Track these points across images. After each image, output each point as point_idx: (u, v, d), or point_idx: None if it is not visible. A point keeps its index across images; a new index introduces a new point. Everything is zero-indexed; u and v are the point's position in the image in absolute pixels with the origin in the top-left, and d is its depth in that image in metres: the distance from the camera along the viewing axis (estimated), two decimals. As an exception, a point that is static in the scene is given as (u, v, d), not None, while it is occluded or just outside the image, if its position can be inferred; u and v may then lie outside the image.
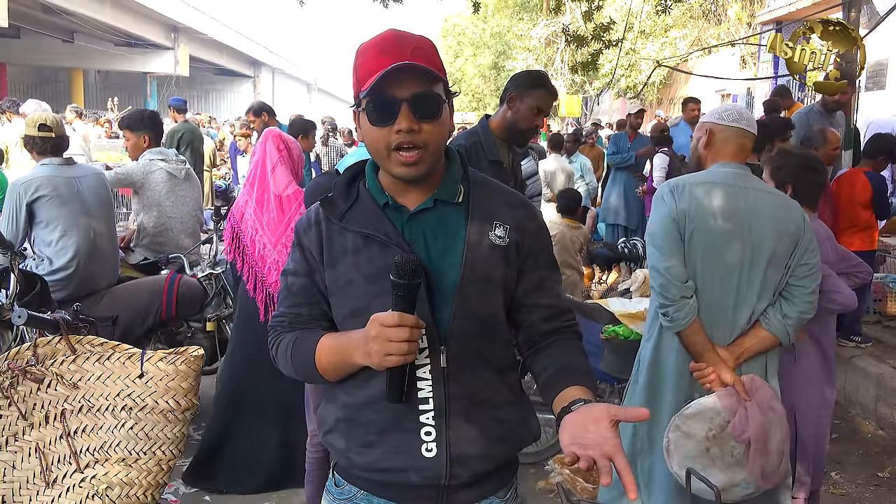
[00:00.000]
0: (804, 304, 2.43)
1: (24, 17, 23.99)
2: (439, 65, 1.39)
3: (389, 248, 1.38)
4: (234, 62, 39.30)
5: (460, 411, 1.40)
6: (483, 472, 1.44)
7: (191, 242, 4.56)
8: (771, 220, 2.41)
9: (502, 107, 3.21)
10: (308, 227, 1.47)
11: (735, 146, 2.52)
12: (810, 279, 2.43)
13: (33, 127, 3.78)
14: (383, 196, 1.43)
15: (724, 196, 2.42)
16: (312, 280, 1.47)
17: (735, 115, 2.53)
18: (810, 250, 2.43)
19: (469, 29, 33.31)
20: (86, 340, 2.09)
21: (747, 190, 2.44)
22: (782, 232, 2.40)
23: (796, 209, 2.47)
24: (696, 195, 2.43)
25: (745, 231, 2.40)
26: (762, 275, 2.41)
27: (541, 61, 20.64)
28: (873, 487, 3.85)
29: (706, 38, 20.17)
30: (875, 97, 10.56)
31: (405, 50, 1.34)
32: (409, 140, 1.34)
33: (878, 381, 4.59)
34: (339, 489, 1.50)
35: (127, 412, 2.03)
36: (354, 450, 1.44)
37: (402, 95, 1.33)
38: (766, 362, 2.52)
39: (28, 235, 3.71)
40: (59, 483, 2.02)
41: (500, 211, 1.45)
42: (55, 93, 32.33)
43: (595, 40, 11.50)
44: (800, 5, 12.74)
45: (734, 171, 2.48)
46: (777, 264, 2.42)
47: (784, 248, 2.41)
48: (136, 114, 4.62)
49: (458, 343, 1.39)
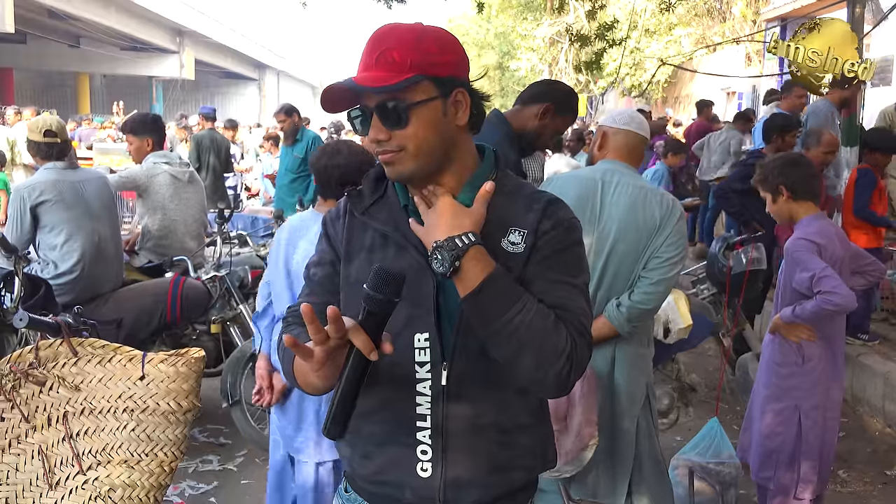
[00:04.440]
0: (641, 294, 2.44)
1: (30, 22, 24.13)
2: (423, 60, 1.27)
3: (406, 252, 1.33)
4: (239, 65, 39.44)
5: (460, 433, 1.33)
6: (484, 499, 1.36)
7: (195, 245, 4.56)
8: (621, 213, 2.46)
9: (526, 109, 2.91)
10: (336, 218, 1.43)
11: (623, 146, 2.60)
12: (658, 272, 2.45)
13: (38, 132, 3.79)
14: (406, 197, 1.38)
15: (579, 187, 2.52)
16: (335, 269, 1.41)
17: (626, 119, 2.64)
18: (670, 244, 2.45)
19: (473, 29, 33.33)
20: (87, 343, 2.10)
21: (610, 183, 2.50)
22: (632, 224, 2.45)
23: (660, 203, 2.47)
24: (555, 186, 2.56)
25: (593, 221, 2.47)
26: (603, 263, 2.47)
27: (545, 61, 20.58)
28: (881, 485, 3.83)
29: (711, 36, 20.12)
30: (881, 93, 10.51)
31: (371, 58, 1.29)
32: (381, 149, 1.30)
33: (885, 379, 4.57)
34: (347, 495, 1.48)
35: (128, 414, 2.03)
36: (357, 460, 1.41)
37: (371, 104, 1.29)
38: (613, 354, 2.52)
39: (33, 239, 3.73)
40: (62, 485, 2.02)
41: (521, 216, 1.34)
42: (61, 97, 32.53)
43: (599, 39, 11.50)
44: (804, 2, 12.68)
45: (609, 167, 2.56)
46: (622, 255, 2.46)
47: (631, 240, 2.45)
48: (139, 118, 4.63)
49: (462, 360, 1.31)
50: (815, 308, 2.72)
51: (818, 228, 2.85)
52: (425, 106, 1.29)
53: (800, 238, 2.84)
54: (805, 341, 2.86)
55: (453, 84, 1.31)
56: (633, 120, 2.63)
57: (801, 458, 2.86)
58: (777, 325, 2.92)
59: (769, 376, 2.98)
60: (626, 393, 2.52)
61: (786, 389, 2.91)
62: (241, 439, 4.06)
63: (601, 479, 2.56)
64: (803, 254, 2.78)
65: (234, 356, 3.96)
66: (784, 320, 2.86)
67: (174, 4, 28.49)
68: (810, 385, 2.87)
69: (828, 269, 2.70)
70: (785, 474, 2.90)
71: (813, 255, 2.76)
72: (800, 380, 2.88)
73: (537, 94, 2.94)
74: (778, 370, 2.94)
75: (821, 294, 2.68)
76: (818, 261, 2.74)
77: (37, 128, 3.81)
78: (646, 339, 2.61)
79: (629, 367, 2.53)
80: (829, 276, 2.68)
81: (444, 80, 1.30)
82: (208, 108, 9.34)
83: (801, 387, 2.87)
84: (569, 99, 2.99)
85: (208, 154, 8.05)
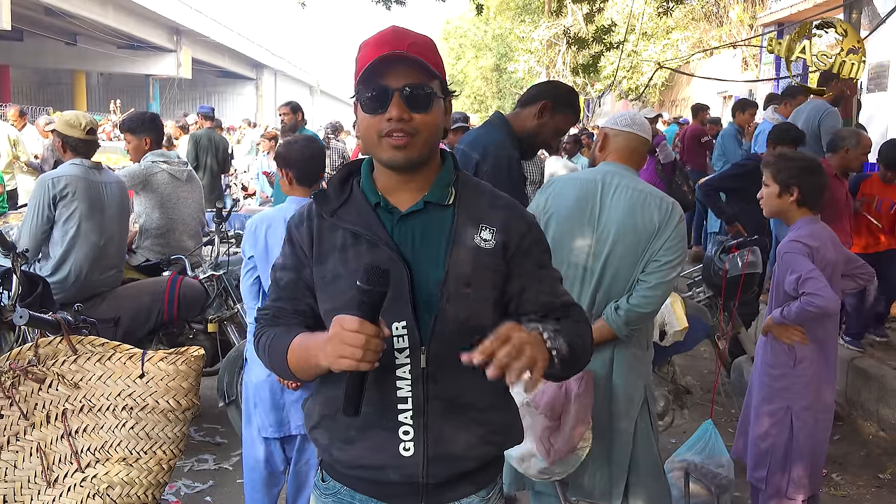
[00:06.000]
0: (639, 297, 2.45)
1: (26, 19, 24.07)
2: (437, 62, 1.41)
3: (378, 248, 1.40)
4: (236, 64, 39.39)
5: (439, 412, 1.41)
6: (462, 471, 1.45)
7: (193, 244, 4.57)
8: (620, 215, 2.47)
9: (525, 110, 2.93)
10: (300, 223, 1.49)
11: (624, 148, 2.60)
12: (656, 275, 2.45)
13: (81, 130, 3.78)
14: (375, 196, 1.45)
15: (580, 188, 2.53)
16: (300, 275, 1.48)
17: (628, 121, 2.64)
18: (668, 248, 2.46)
19: (471, 31, 33.40)
20: (87, 341, 2.10)
21: (610, 185, 2.51)
22: (630, 227, 2.45)
23: (659, 207, 2.48)
24: (556, 187, 2.57)
25: (592, 223, 2.49)
26: (601, 266, 2.48)
27: (542, 63, 20.64)
28: (874, 489, 3.85)
29: (708, 40, 20.17)
30: (877, 99, 10.56)
31: (402, 43, 1.38)
32: (399, 128, 1.36)
33: (879, 383, 4.59)
34: (324, 484, 1.52)
35: (128, 412, 2.03)
36: (336, 445, 1.45)
37: (394, 85, 1.36)
38: (612, 356, 2.53)
39: (49, 234, 3.70)
40: (61, 482, 2.03)
41: (487, 213, 1.46)
42: (58, 95, 32.46)
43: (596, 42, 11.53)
44: (801, 7, 12.73)
45: (610, 169, 2.56)
46: (621, 258, 2.47)
47: (630, 243, 2.46)
48: (137, 116, 4.62)
49: (439, 344, 1.40)
50: (798, 309, 2.75)
51: (811, 232, 2.87)
52: (439, 100, 1.42)
53: (792, 240, 2.86)
54: (797, 343, 2.88)
55: (448, 90, 1.46)
56: (634, 122, 2.64)
57: (794, 459, 2.87)
58: (768, 326, 2.95)
59: (762, 378, 3.01)
60: (624, 395, 2.53)
61: (777, 390, 2.92)
62: (236, 438, 4.05)
63: (598, 480, 2.57)
64: (793, 255, 2.81)
65: (231, 355, 3.96)
66: (774, 321, 2.90)
67: (171, 3, 28.45)
68: (802, 386, 2.88)
69: (814, 270, 2.72)
70: (777, 475, 2.91)
71: (803, 257, 2.78)
72: (791, 381, 2.90)
73: (534, 93, 2.97)
74: (770, 371, 2.96)
75: (804, 295, 2.71)
76: (806, 262, 2.76)
77: (79, 124, 3.79)
78: (644, 342, 2.62)
79: (627, 369, 2.54)
80: (814, 278, 2.70)
81: (445, 85, 1.45)
82: (207, 107, 9.34)
83: (793, 388, 2.89)
84: (566, 96, 2.99)
85: (206, 154, 8.06)
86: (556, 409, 2.43)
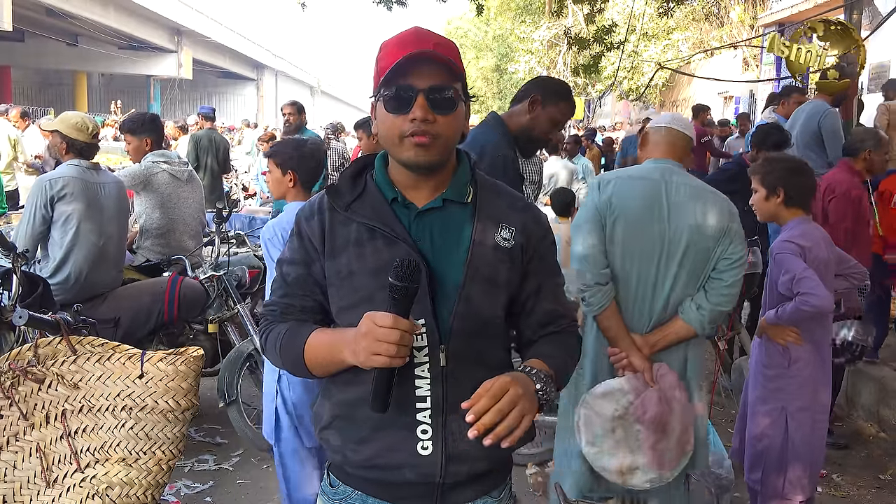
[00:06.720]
0: (719, 296, 2.51)
1: (28, 20, 24.09)
2: (460, 65, 1.40)
3: (396, 244, 1.37)
4: (237, 65, 39.38)
5: (458, 411, 1.39)
6: (478, 471, 1.44)
7: (193, 244, 4.57)
8: (690, 214, 2.50)
9: (517, 107, 2.96)
10: (310, 216, 1.46)
11: (666, 145, 2.64)
12: (729, 273, 2.51)
13: (88, 133, 3.79)
14: (392, 191, 1.43)
15: (646, 188, 2.54)
16: (309, 271, 1.45)
17: (668, 119, 2.70)
18: (737, 245, 2.52)
19: (472, 32, 33.37)
20: (86, 341, 2.10)
21: (671, 184, 2.54)
22: (701, 225, 2.49)
23: (721, 204, 2.54)
24: (620, 187, 2.57)
25: (663, 223, 2.50)
26: (677, 266, 2.50)
27: (543, 64, 20.62)
28: (875, 490, 3.85)
29: (708, 41, 20.16)
30: (877, 99, 10.55)
31: (428, 43, 1.36)
32: (422, 129, 1.35)
33: (880, 384, 4.59)
34: (333, 489, 1.49)
35: (127, 412, 2.03)
36: (349, 446, 1.42)
37: (419, 86, 1.35)
38: (686, 354, 2.59)
39: (46, 235, 3.70)
40: (60, 483, 2.02)
41: (507, 213, 1.46)
42: (59, 96, 32.48)
43: (597, 43, 11.53)
44: (802, 7, 12.73)
45: (662, 166, 2.59)
46: (694, 257, 2.50)
47: (702, 242, 2.49)
48: (138, 117, 4.62)
49: (458, 342, 1.38)
50: (793, 309, 2.75)
51: (803, 232, 2.88)
52: (461, 103, 1.41)
53: (784, 241, 2.87)
54: (792, 344, 2.88)
55: (467, 94, 1.45)
56: (673, 119, 2.69)
57: (789, 460, 2.87)
58: (763, 327, 2.96)
59: (757, 378, 3.00)
60: (696, 389, 2.63)
61: (772, 391, 2.92)
62: (237, 439, 4.06)
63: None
64: (786, 256, 2.82)
65: (231, 356, 3.96)
66: (768, 322, 2.90)
67: (172, 4, 28.45)
68: (797, 387, 2.88)
69: (807, 270, 2.73)
70: (773, 476, 2.91)
71: (796, 257, 2.80)
72: (786, 381, 2.90)
73: (524, 90, 3.00)
74: (765, 372, 2.96)
75: (799, 295, 2.72)
76: (799, 262, 2.77)
77: (86, 128, 3.79)
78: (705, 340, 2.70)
79: (698, 365, 2.64)
80: (808, 278, 2.71)
81: (466, 88, 1.44)
82: (207, 108, 9.34)
83: (788, 389, 2.89)
84: (555, 87, 3.00)
85: (206, 154, 8.06)
86: (662, 421, 2.45)
